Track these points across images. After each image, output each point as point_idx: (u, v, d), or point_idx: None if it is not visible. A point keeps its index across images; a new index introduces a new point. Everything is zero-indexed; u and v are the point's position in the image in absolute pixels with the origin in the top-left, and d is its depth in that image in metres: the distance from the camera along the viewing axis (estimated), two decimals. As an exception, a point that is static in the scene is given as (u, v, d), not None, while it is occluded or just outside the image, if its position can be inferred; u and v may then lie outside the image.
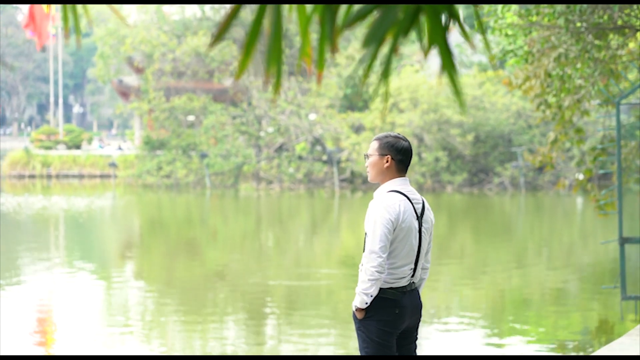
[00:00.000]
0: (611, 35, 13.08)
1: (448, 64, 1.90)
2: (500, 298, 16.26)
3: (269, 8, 1.90)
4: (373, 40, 1.81)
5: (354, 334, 12.74)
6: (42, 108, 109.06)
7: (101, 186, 52.93)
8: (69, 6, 2.49)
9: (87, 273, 19.33)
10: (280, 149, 51.31)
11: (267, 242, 26.37)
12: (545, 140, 47.58)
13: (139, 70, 56.74)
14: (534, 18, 13.26)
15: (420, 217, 5.64)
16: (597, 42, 12.60)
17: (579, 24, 12.44)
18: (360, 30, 52.57)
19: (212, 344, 12.15)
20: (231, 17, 1.94)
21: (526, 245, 24.73)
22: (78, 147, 68.40)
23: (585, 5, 12.05)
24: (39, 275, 18.17)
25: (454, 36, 58.84)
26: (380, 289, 5.54)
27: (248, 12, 54.09)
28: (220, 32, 1.95)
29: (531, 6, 12.84)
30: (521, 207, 38.81)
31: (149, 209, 39.01)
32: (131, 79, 60.00)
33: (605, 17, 12.72)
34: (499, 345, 11.96)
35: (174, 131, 52.70)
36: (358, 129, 50.16)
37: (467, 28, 2.07)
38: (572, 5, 11.99)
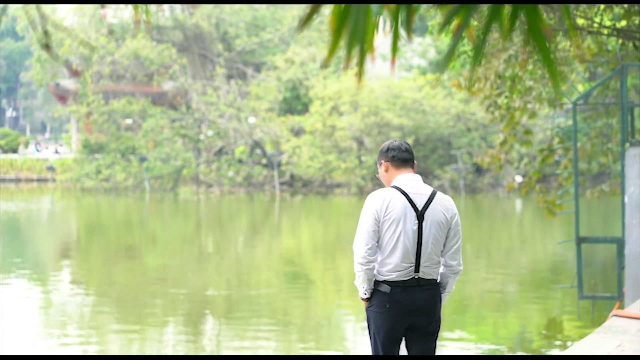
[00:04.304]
0: (558, 38, 13.22)
1: (545, 53, 1.94)
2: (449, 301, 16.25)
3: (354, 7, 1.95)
4: (447, 27, 1.83)
5: (294, 337, 12.74)
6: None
7: (39, 190, 52.24)
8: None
9: (23, 278, 18.90)
10: (219, 152, 51.14)
11: (207, 246, 26.22)
12: (490, 142, 47.77)
13: (76, 74, 56.04)
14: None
15: (421, 210, 5.54)
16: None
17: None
18: (303, 33, 52.55)
19: (150, 348, 12.02)
20: (312, 13, 1.97)
21: (470, 248, 24.83)
22: (14, 150, 67.50)
23: (540, 6, 12.15)
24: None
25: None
26: (376, 281, 5.56)
27: (187, 16, 53.83)
28: (304, 23, 1.98)
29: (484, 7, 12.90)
30: (462, 210, 39.09)
31: (88, 213, 38.58)
32: (68, 82, 59.24)
33: (554, 19, 12.85)
34: (451, 340, 11.92)
35: (113, 134, 52.24)
36: (298, 132, 50.18)
37: (402, 31, 2.11)
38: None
